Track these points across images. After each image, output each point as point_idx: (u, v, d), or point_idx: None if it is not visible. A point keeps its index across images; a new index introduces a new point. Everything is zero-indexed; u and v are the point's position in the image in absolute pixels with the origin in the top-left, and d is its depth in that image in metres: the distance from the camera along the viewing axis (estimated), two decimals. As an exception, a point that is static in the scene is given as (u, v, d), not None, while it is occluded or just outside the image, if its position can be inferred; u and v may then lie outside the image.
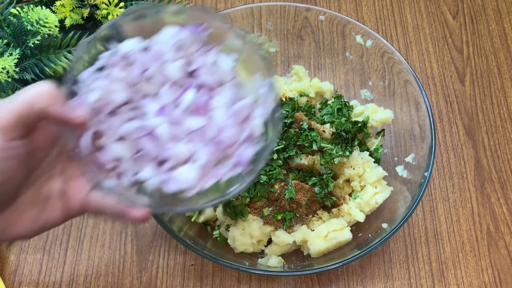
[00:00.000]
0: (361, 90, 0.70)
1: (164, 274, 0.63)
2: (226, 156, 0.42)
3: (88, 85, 0.39)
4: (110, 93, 0.40)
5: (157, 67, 0.40)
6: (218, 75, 0.43)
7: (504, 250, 0.65)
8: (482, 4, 0.85)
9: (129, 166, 0.41)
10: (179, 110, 0.41)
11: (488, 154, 0.72)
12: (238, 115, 0.42)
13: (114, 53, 0.40)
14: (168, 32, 0.41)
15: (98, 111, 0.40)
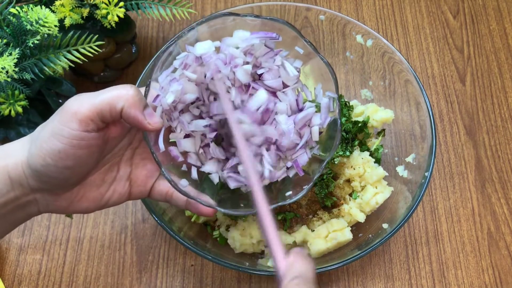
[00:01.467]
0: (361, 90, 0.70)
1: (164, 274, 0.63)
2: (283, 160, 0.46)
3: (165, 86, 0.43)
4: (184, 94, 0.43)
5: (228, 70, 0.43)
6: (282, 79, 0.45)
7: (505, 251, 0.65)
8: (482, 3, 0.85)
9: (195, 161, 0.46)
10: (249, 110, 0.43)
11: (489, 154, 0.72)
12: (300, 122, 0.45)
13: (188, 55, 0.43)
14: (239, 36, 0.43)
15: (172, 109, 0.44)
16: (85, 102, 0.39)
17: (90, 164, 0.41)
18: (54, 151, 0.38)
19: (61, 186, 0.42)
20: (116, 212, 0.67)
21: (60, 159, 0.39)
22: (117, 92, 0.39)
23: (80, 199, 0.43)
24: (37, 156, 0.39)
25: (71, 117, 0.38)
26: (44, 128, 0.40)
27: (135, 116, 0.39)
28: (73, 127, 0.38)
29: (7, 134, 0.66)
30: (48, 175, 0.40)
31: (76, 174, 0.41)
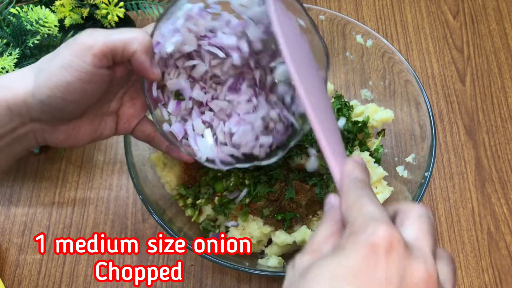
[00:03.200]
0: (361, 90, 0.70)
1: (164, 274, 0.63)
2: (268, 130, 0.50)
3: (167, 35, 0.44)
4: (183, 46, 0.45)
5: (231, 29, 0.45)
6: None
7: (504, 251, 0.65)
8: (482, 3, 0.85)
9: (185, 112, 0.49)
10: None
11: (489, 154, 0.72)
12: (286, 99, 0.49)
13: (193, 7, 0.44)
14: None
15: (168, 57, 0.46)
16: (100, 38, 0.39)
17: (93, 100, 0.42)
18: (63, 84, 0.39)
19: (62, 118, 0.43)
20: (116, 212, 0.67)
21: (68, 92, 0.39)
22: (133, 35, 0.40)
23: (77, 133, 0.44)
24: (45, 88, 0.39)
25: (85, 51, 0.38)
26: (52, 60, 0.40)
27: (143, 62, 0.41)
28: (86, 60, 0.38)
29: (7, 134, 0.66)
30: (53, 106, 0.40)
31: (80, 108, 0.42)
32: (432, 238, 0.29)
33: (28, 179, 0.70)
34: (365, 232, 0.27)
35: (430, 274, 0.27)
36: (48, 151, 0.72)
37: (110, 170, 0.70)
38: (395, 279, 0.26)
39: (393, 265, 0.26)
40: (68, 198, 0.68)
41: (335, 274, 0.26)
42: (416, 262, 0.27)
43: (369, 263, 0.26)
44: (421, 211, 0.31)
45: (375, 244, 0.26)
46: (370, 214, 0.29)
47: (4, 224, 0.67)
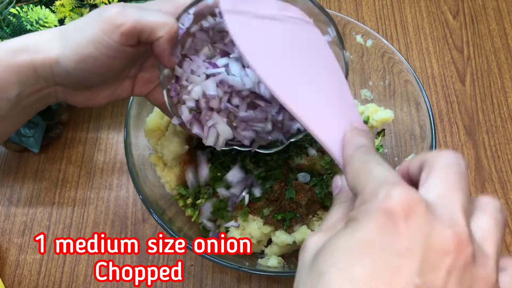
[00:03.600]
0: (361, 90, 0.70)
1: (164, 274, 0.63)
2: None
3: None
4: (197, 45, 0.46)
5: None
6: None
7: (504, 251, 0.65)
8: (482, 3, 0.85)
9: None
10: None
11: (489, 154, 0.72)
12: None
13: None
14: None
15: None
16: (130, 17, 0.39)
17: (117, 72, 0.43)
18: (90, 58, 0.40)
19: (86, 86, 0.44)
20: (116, 212, 0.67)
21: (94, 66, 0.40)
22: (163, 21, 0.40)
23: (96, 96, 0.46)
24: (71, 60, 0.40)
25: (114, 28, 0.39)
26: (81, 32, 0.40)
27: (164, 50, 0.41)
28: (114, 38, 0.39)
29: (7, 134, 0.66)
30: (78, 77, 0.42)
31: (104, 79, 0.43)
32: (462, 192, 0.25)
33: (28, 179, 0.70)
34: (377, 198, 0.24)
35: (460, 237, 0.23)
36: (48, 151, 0.72)
37: (110, 170, 0.70)
38: (418, 248, 0.22)
39: (414, 231, 0.22)
40: (68, 198, 0.68)
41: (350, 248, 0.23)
42: (442, 225, 0.23)
43: (386, 233, 0.23)
44: (449, 159, 0.26)
45: (390, 210, 0.23)
46: (379, 177, 0.25)
47: (4, 224, 0.67)
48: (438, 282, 0.22)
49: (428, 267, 0.22)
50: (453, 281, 0.22)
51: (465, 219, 0.24)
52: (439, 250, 0.22)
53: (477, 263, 0.23)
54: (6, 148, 0.71)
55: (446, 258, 0.22)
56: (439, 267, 0.22)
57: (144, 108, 0.62)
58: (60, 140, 0.73)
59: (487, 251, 0.24)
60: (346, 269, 0.22)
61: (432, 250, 0.22)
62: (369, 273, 0.22)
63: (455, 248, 0.22)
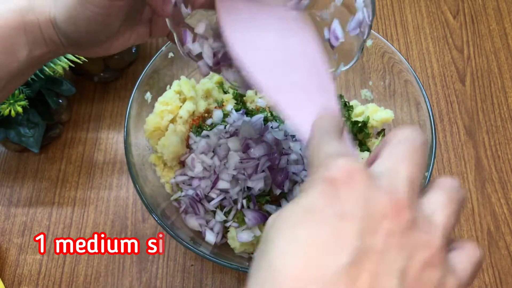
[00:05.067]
0: (361, 90, 0.70)
1: (164, 274, 0.63)
2: None
3: None
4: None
5: None
6: None
7: (504, 251, 0.65)
8: (482, 3, 0.85)
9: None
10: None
11: (489, 154, 0.72)
12: None
13: None
14: None
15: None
16: None
17: (118, 26, 0.41)
18: (82, 20, 0.38)
19: (93, 45, 0.42)
20: (116, 212, 0.67)
21: (89, 26, 0.38)
22: None
23: (110, 46, 0.44)
24: (66, 23, 0.39)
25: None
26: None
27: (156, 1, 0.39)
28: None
29: (7, 134, 0.66)
30: (80, 38, 0.40)
31: (108, 35, 0.41)
32: (411, 163, 0.25)
33: (28, 179, 0.70)
34: (321, 169, 0.25)
35: (398, 202, 0.23)
36: (48, 151, 0.72)
37: (110, 170, 0.70)
38: (358, 212, 0.23)
39: (354, 196, 0.23)
40: (68, 198, 0.68)
41: (295, 215, 0.24)
42: (381, 191, 0.24)
43: (327, 198, 0.23)
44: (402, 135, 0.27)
45: (331, 177, 0.24)
46: (328, 151, 0.26)
47: (4, 224, 0.67)
48: (378, 244, 0.22)
49: (368, 230, 0.23)
50: (393, 244, 0.23)
51: (407, 187, 0.24)
52: (378, 214, 0.23)
53: (419, 229, 0.23)
54: (6, 148, 0.71)
55: (384, 222, 0.23)
56: (378, 231, 0.23)
57: (144, 108, 0.62)
58: (60, 140, 0.73)
59: (434, 220, 0.24)
60: (290, 233, 0.23)
61: (371, 214, 0.23)
62: (312, 235, 0.23)
63: (393, 213, 0.23)
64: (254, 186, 0.55)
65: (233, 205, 0.58)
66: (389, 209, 0.23)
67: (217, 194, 0.58)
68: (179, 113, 0.63)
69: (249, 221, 0.56)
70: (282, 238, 0.23)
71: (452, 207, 0.25)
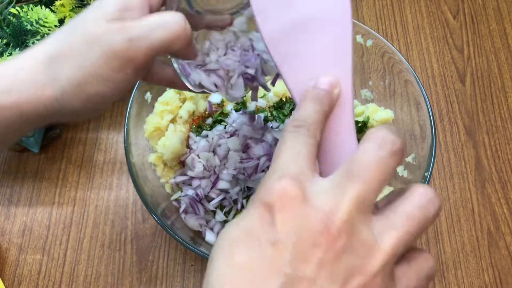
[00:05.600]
0: (361, 90, 0.70)
1: (164, 274, 0.63)
2: None
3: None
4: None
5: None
6: None
7: (504, 251, 0.65)
8: (482, 3, 0.85)
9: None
10: None
11: (489, 154, 0.72)
12: None
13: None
14: None
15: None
16: (141, 46, 0.33)
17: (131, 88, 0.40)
18: (98, 96, 0.34)
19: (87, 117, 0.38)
20: (116, 212, 0.67)
21: (103, 102, 0.35)
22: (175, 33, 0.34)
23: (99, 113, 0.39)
24: (76, 100, 0.34)
25: (126, 64, 0.33)
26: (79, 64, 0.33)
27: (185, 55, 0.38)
28: (127, 73, 0.33)
29: (7, 134, 0.66)
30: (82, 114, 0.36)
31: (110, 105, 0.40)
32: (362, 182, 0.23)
33: (28, 179, 0.70)
34: (261, 190, 0.25)
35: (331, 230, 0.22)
36: (48, 151, 0.72)
37: (110, 170, 0.70)
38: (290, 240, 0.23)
39: (288, 224, 0.23)
40: (68, 198, 0.68)
41: (234, 236, 0.24)
42: (316, 218, 0.23)
43: (264, 224, 0.23)
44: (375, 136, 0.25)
45: (269, 202, 0.24)
46: (278, 165, 0.25)
47: (4, 224, 0.67)
48: (308, 273, 0.22)
49: (300, 258, 0.22)
50: (324, 274, 0.22)
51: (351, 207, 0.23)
52: (310, 242, 0.23)
53: (354, 254, 0.23)
54: (6, 148, 0.71)
55: (316, 250, 0.22)
56: (310, 259, 0.22)
57: (144, 108, 0.62)
58: (60, 140, 0.73)
59: (378, 242, 0.23)
60: (228, 255, 0.24)
61: (303, 242, 0.23)
62: (246, 261, 0.23)
63: (326, 240, 0.22)
64: (254, 186, 0.55)
65: (233, 205, 0.58)
66: (322, 236, 0.23)
67: (217, 194, 0.58)
68: (179, 113, 0.63)
69: None
70: (221, 259, 0.24)
71: (414, 224, 0.24)
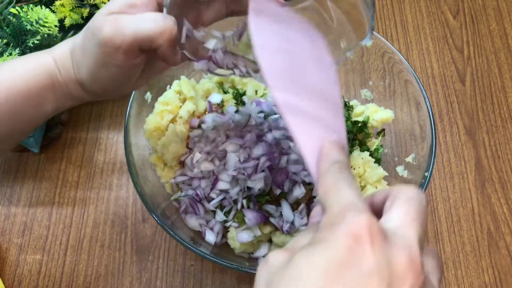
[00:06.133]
0: (361, 90, 0.70)
1: (164, 274, 0.63)
2: None
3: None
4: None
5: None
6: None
7: (504, 250, 0.65)
8: (482, 3, 0.85)
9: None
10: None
11: (489, 154, 0.72)
12: None
13: None
14: None
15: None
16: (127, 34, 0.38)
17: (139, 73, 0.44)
18: (106, 79, 0.41)
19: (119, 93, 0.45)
20: (116, 212, 0.67)
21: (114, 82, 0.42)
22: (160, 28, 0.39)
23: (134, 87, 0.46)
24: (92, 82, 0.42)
25: (115, 51, 0.39)
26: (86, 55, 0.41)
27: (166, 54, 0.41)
28: (119, 58, 0.39)
29: (7, 134, 0.66)
30: (105, 92, 0.44)
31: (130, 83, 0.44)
32: (420, 225, 0.27)
33: (28, 179, 0.70)
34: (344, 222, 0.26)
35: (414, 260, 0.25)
36: (48, 151, 0.72)
37: (110, 170, 0.70)
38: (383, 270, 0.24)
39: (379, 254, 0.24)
40: (68, 198, 0.68)
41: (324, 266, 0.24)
42: (400, 250, 0.25)
43: (355, 254, 0.24)
44: (411, 193, 0.29)
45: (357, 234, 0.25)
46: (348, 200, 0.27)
47: (4, 224, 0.67)
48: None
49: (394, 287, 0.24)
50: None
51: (419, 249, 0.26)
52: (401, 272, 0.24)
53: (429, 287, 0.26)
54: (6, 148, 0.71)
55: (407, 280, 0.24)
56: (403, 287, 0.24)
57: (144, 108, 0.62)
58: (60, 140, 0.73)
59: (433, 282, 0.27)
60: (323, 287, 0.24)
61: (394, 273, 0.24)
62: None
63: (413, 272, 0.25)
64: (254, 186, 0.55)
65: (233, 205, 0.58)
66: (409, 268, 0.25)
67: (217, 194, 0.58)
68: (179, 113, 0.63)
69: (249, 221, 0.56)
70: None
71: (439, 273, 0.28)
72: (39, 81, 0.42)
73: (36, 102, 0.43)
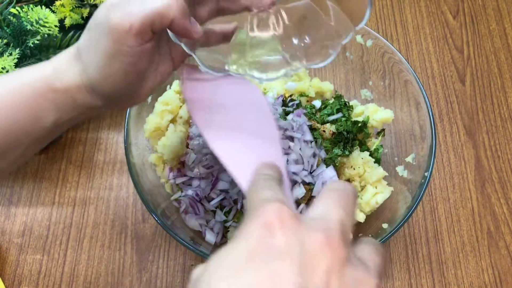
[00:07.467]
0: (361, 90, 0.70)
1: (164, 274, 0.63)
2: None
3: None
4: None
5: None
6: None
7: (504, 250, 0.65)
8: (482, 3, 0.85)
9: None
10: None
11: (489, 154, 0.72)
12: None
13: None
14: None
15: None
16: (135, 15, 0.37)
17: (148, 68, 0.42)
18: (120, 74, 0.39)
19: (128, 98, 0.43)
20: (116, 212, 0.67)
21: (128, 77, 0.39)
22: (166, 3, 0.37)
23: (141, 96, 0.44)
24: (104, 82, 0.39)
25: (126, 35, 0.37)
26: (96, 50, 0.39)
27: (184, 27, 0.39)
28: (131, 44, 0.37)
29: (7, 134, 0.66)
30: (116, 94, 0.41)
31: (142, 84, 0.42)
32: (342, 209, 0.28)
33: (28, 179, 0.70)
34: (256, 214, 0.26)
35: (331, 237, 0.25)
36: (48, 151, 0.72)
37: (110, 170, 0.70)
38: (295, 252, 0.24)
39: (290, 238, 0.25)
40: (68, 198, 0.68)
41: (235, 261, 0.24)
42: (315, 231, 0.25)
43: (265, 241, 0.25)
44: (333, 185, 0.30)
45: (268, 222, 0.25)
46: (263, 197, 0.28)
47: (4, 224, 0.67)
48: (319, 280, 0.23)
49: (307, 268, 0.24)
50: (333, 279, 0.24)
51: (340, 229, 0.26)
52: (314, 251, 0.24)
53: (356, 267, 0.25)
54: (6, 148, 0.71)
55: (322, 260, 0.24)
56: (317, 267, 0.24)
57: (144, 108, 0.62)
58: (60, 140, 0.73)
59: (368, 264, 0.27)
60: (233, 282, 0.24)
61: (308, 253, 0.24)
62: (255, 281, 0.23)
63: (329, 249, 0.24)
64: None
65: (233, 205, 0.58)
66: (325, 246, 0.24)
67: (217, 194, 0.58)
68: (179, 113, 0.63)
69: None
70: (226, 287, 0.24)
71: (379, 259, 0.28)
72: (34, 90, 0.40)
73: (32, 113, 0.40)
